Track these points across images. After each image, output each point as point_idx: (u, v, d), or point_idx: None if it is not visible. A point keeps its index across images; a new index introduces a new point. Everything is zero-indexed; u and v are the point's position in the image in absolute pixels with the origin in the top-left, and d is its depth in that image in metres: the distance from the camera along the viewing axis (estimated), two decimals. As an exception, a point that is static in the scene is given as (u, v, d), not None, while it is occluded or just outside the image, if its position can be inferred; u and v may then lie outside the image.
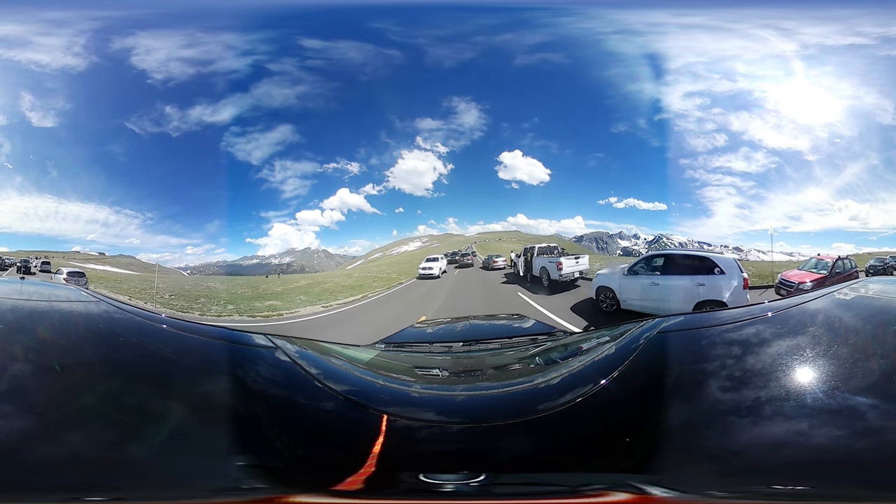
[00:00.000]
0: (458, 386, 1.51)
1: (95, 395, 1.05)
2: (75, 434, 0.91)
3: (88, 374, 1.12)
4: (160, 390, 1.11)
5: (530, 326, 2.70)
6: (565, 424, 1.02)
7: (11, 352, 1.13)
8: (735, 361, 1.15)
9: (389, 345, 2.12)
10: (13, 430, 0.88)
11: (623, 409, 1.08)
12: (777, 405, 0.95)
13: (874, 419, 0.89)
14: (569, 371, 1.38)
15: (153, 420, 0.98)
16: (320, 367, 1.41)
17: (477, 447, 0.98)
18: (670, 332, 1.48)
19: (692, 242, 16.75)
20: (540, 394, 1.22)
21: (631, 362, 1.23)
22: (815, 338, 1.26)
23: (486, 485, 0.86)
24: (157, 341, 1.47)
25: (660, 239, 17.35)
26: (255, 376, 1.31)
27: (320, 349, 1.67)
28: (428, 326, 2.90)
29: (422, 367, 1.81)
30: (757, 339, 1.31)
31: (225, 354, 1.45)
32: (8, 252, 14.36)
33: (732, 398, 0.99)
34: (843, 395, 0.96)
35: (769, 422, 0.92)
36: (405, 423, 1.08)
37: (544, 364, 1.72)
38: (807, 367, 1.08)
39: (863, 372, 1.03)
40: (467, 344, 2.07)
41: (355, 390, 1.27)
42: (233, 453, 0.91)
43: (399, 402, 1.23)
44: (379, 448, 0.92)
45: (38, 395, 1.00)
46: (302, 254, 17.31)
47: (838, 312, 1.48)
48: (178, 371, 1.26)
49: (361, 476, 0.85)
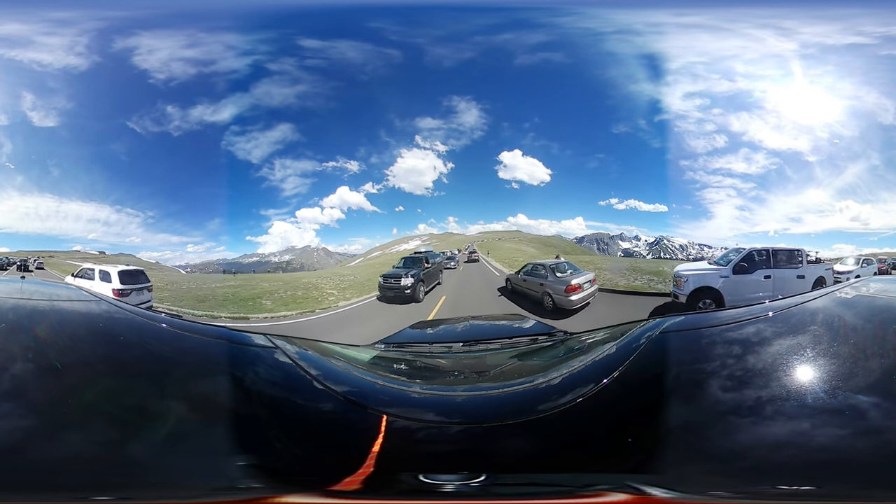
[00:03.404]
0: (458, 386, 1.51)
1: (96, 394, 1.05)
2: (77, 433, 0.91)
3: (89, 373, 1.12)
4: (160, 390, 1.11)
5: (530, 326, 2.69)
6: (566, 425, 1.01)
7: (12, 351, 1.13)
8: (736, 361, 1.15)
9: (389, 345, 2.12)
10: (14, 429, 0.88)
11: (624, 409, 1.08)
12: (779, 405, 0.95)
13: (876, 418, 0.89)
14: (569, 371, 1.37)
15: (153, 420, 0.97)
16: (320, 368, 1.41)
17: (477, 447, 0.98)
18: (671, 331, 1.48)
19: (692, 244, 16.72)
20: (540, 394, 1.22)
21: (631, 362, 1.22)
22: (816, 337, 1.26)
23: (486, 485, 0.85)
24: (158, 341, 1.47)
25: (661, 241, 17.31)
26: (255, 376, 1.31)
27: (320, 349, 1.67)
28: (428, 327, 2.90)
29: (422, 368, 1.80)
30: (758, 338, 1.31)
31: (225, 354, 1.44)
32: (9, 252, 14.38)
33: (734, 398, 0.99)
34: (844, 394, 0.95)
35: (771, 422, 0.92)
36: (405, 424, 1.07)
37: (544, 364, 1.72)
38: (808, 366, 1.08)
39: (864, 371, 1.02)
40: (467, 344, 2.07)
41: (355, 390, 1.26)
42: (232, 453, 0.91)
43: (399, 403, 1.22)
44: (378, 448, 0.92)
45: (39, 394, 1.00)
46: (302, 252, 17.25)
47: (839, 312, 1.48)
48: (178, 371, 1.25)
49: (360, 476, 0.85)
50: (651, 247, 17.36)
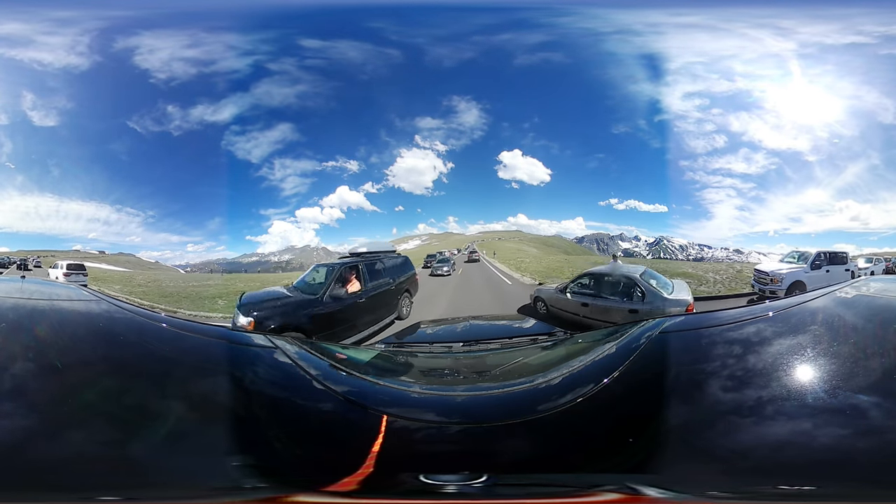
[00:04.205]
0: (459, 386, 1.51)
1: (97, 393, 1.05)
2: (78, 433, 0.91)
3: (89, 372, 1.12)
4: (160, 389, 1.11)
5: (531, 326, 2.69)
6: (566, 425, 1.01)
7: (13, 350, 1.13)
8: (736, 361, 1.15)
9: (390, 345, 2.11)
10: (16, 428, 0.88)
11: (624, 409, 1.07)
12: (779, 405, 0.95)
13: (877, 418, 0.89)
14: (569, 371, 1.37)
15: (154, 419, 0.97)
16: (320, 368, 1.41)
17: (477, 448, 0.98)
18: (671, 332, 1.47)
19: (692, 245, 16.72)
20: (540, 394, 1.21)
21: (631, 362, 1.22)
22: (816, 337, 1.25)
23: (486, 485, 0.85)
24: (158, 340, 1.46)
25: (661, 241, 17.29)
26: (255, 376, 1.31)
27: (320, 349, 1.66)
28: (428, 327, 2.89)
29: (422, 368, 1.80)
30: (758, 338, 1.30)
31: (225, 354, 1.44)
32: (9, 252, 14.40)
33: (734, 398, 0.99)
34: (845, 394, 0.95)
35: (771, 421, 0.91)
36: (405, 424, 1.07)
37: (545, 364, 1.71)
38: (808, 366, 1.07)
39: (864, 371, 1.02)
40: (468, 344, 2.07)
41: (355, 391, 1.26)
42: (233, 453, 0.90)
43: (399, 403, 1.22)
44: (378, 448, 0.92)
45: (40, 393, 1.00)
46: (301, 251, 17.21)
47: (839, 311, 1.48)
48: (178, 370, 1.25)
49: (360, 476, 0.85)
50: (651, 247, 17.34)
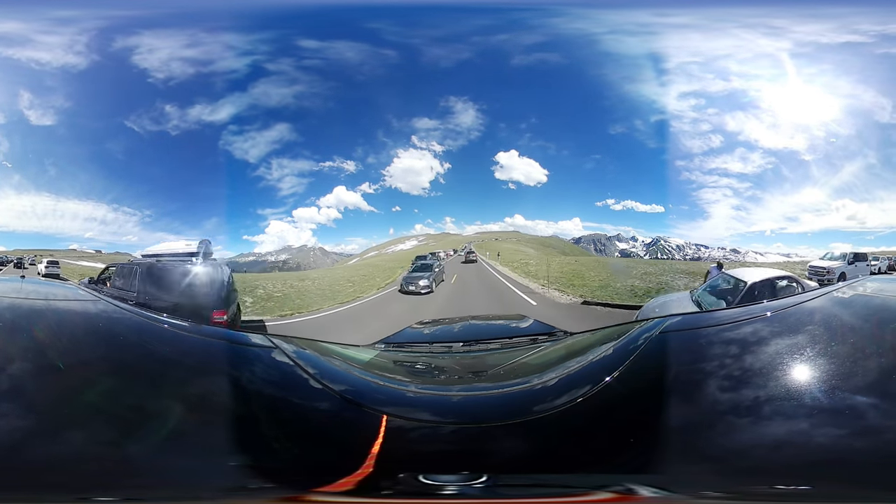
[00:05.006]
0: (458, 386, 1.51)
1: (96, 394, 1.05)
2: (77, 433, 0.91)
3: (89, 373, 1.12)
4: (159, 390, 1.11)
5: (530, 326, 2.69)
6: (564, 425, 1.01)
7: (12, 351, 1.13)
8: (734, 361, 1.15)
9: (389, 345, 2.11)
10: (14, 429, 0.88)
11: (622, 409, 1.08)
12: (777, 405, 0.95)
13: (874, 418, 0.89)
14: (567, 372, 1.37)
15: (152, 420, 0.97)
16: (319, 367, 1.41)
17: (477, 448, 0.98)
18: (670, 331, 1.48)
19: (689, 245, 16.79)
20: (538, 394, 1.22)
21: (630, 363, 1.22)
22: (813, 337, 1.26)
23: (487, 485, 0.85)
24: (157, 341, 1.46)
25: (658, 241, 17.34)
26: (254, 376, 1.31)
27: (319, 349, 1.66)
28: (427, 327, 2.89)
29: (421, 368, 1.80)
30: (756, 338, 1.31)
31: (224, 354, 1.44)
32: (6, 251, 14.38)
33: (732, 398, 0.99)
34: (842, 394, 0.96)
35: (769, 421, 0.92)
36: (405, 424, 1.07)
37: (543, 364, 1.72)
38: (806, 366, 1.08)
39: (862, 371, 1.03)
40: (467, 344, 2.07)
41: (354, 390, 1.26)
42: (231, 453, 0.90)
43: (399, 403, 1.22)
44: (377, 448, 0.92)
45: (39, 393, 1.00)
46: (298, 251, 17.19)
47: (837, 311, 1.49)
48: (177, 371, 1.25)
49: (360, 476, 0.85)
50: (648, 247, 17.37)
